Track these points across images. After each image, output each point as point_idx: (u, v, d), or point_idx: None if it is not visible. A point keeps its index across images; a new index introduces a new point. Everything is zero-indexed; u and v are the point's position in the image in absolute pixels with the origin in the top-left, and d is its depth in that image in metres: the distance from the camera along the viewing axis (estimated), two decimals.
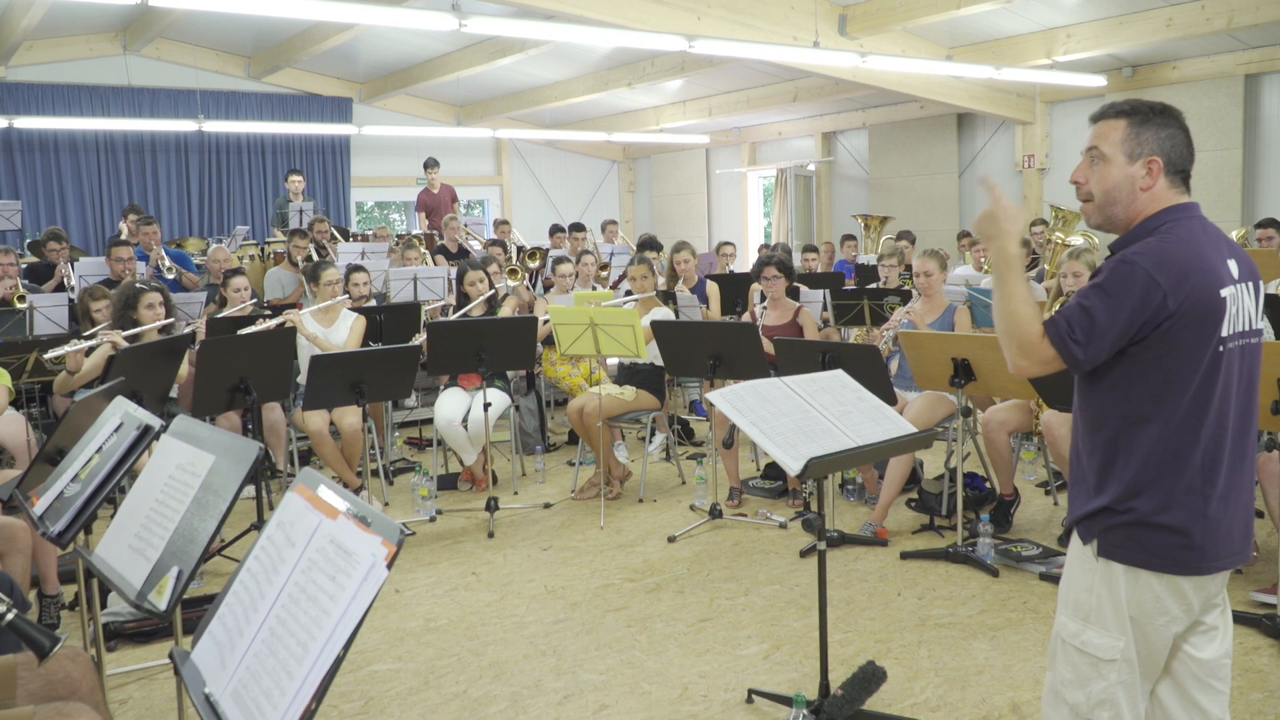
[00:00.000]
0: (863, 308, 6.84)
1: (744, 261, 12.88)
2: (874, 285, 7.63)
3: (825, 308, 7.41)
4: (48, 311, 6.75)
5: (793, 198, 14.00)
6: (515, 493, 6.22)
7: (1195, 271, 2.02)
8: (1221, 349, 2.06)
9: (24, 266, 8.08)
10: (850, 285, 8.29)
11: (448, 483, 6.36)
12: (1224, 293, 2.05)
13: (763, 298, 6.44)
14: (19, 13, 9.42)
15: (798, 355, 5.16)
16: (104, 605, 4.08)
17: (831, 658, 3.39)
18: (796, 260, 9.96)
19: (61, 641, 2.08)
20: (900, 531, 5.17)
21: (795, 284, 6.99)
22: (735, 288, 7.82)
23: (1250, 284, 2.14)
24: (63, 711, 2.15)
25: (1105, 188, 2.15)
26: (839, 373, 3.54)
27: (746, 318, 6.80)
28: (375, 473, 6.20)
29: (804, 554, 4.89)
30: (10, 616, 2.01)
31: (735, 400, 3.24)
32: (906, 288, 6.91)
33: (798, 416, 3.22)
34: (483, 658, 3.88)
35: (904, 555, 4.81)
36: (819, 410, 3.28)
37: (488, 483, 6.09)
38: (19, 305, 6.83)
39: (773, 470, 6.11)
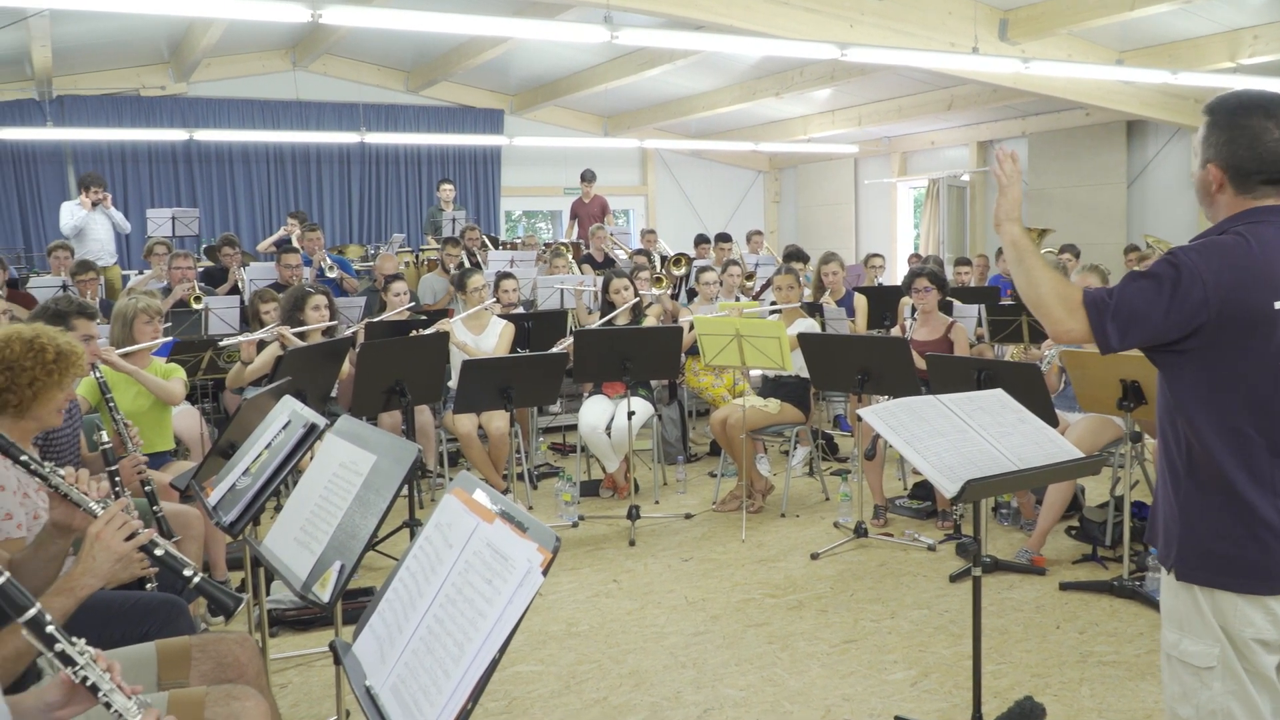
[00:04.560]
0: (1021, 324, 6.56)
1: (893, 274, 12.58)
2: None
3: (980, 323, 7.15)
4: (221, 313, 7.16)
5: (945, 209, 13.59)
6: (656, 502, 6.23)
7: (1246, 275, 1.93)
8: None
9: (200, 270, 8.59)
10: (1007, 301, 7.96)
11: (590, 489, 6.41)
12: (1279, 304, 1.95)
13: (913, 311, 6.26)
14: (199, 32, 10.05)
15: (951, 372, 4.98)
16: (267, 593, 4.27)
17: (984, 689, 3.24)
18: (949, 274, 9.65)
19: (243, 602, 2.18)
20: (1059, 560, 4.92)
21: (948, 298, 6.77)
22: (884, 301, 7.62)
23: None
24: (232, 694, 2.25)
25: (1196, 187, 2.14)
26: (999, 392, 3.38)
27: (895, 332, 6.62)
28: (520, 476, 6.31)
29: (954, 578, 4.71)
30: (197, 580, 2.12)
31: (889, 418, 3.13)
32: None
33: (954, 436, 3.10)
34: (623, 665, 3.88)
35: (1063, 586, 4.57)
36: (977, 430, 3.15)
37: (629, 491, 6.11)
38: (196, 306, 7.27)
39: (921, 490, 5.92)
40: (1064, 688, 3.61)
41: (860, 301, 7.45)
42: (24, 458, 2.21)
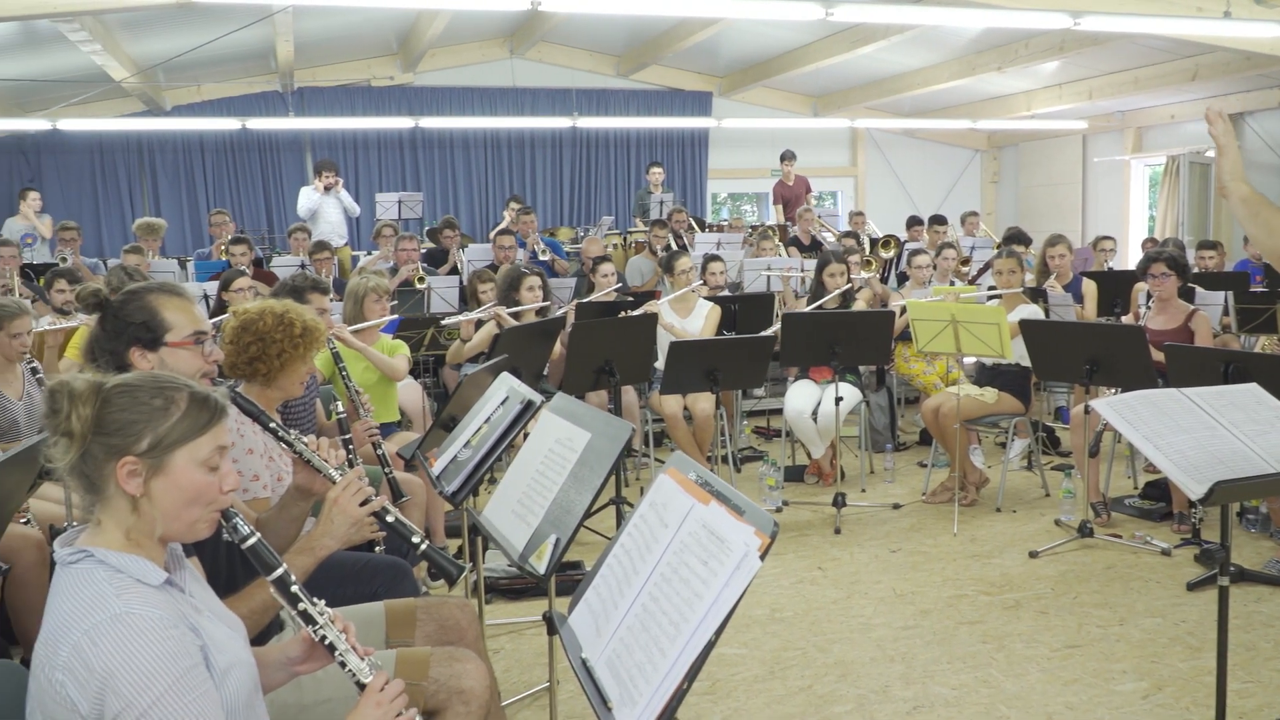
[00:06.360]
0: (1274, 313, 5.97)
1: (1124, 259, 11.74)
2: None
3: (1226, 312, 6.55)
4: (442, 292, 7.51)
5: (1185, 188, 12.52)
6: (863, 490, 6.07)
7: None
8: None
9: (423, 251, 9.05)
10: (1258, 288, 7.26)
11: (794, 474, 6.33)
12: None
13: (1148, 298, 5.80)
14: (425, 24, 10.57)
15: (1194, 364, 4.58)
16: (483, 561, 4.45)
17: (1229, 710, 2.96)
18: (1190, 258, 8.88)
19: (465, 571, 2.27)
20: None
21: (1189, 284, 6.22)
22: (1115, 286, 7.12)
23: None
24: (454, 656, 2.35)
25: None
26: (1253, 386, 3.08)
27: (1128, 319, 6.16)
28: (724, 459, 6.30)
29: (1193, 586, 4.34)
30: (424, 546, 2.22)
31: (1126, 411, 2.91)
32: None
33: (1201, 434, 2.84)
34: (828, 655, 3.81)
35: None
36: (1228, 428, 2.87)
37: (835, 477, 5.99)
38: (419, 285, 7.67)
39: (1154, 490, 5.50)
40: None
41: (1089, 287, 6.97)
42: (272, 424, 2.38)
